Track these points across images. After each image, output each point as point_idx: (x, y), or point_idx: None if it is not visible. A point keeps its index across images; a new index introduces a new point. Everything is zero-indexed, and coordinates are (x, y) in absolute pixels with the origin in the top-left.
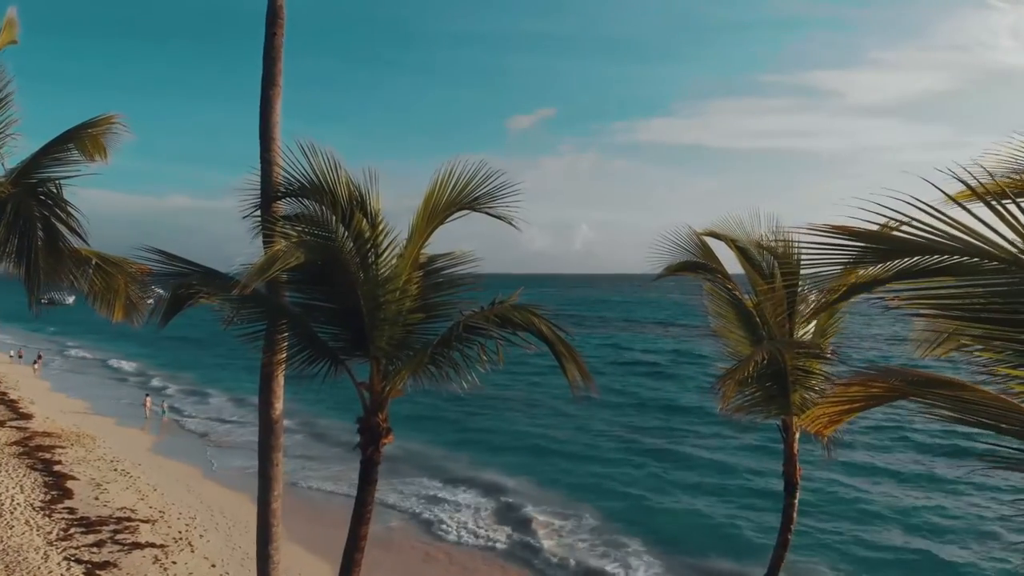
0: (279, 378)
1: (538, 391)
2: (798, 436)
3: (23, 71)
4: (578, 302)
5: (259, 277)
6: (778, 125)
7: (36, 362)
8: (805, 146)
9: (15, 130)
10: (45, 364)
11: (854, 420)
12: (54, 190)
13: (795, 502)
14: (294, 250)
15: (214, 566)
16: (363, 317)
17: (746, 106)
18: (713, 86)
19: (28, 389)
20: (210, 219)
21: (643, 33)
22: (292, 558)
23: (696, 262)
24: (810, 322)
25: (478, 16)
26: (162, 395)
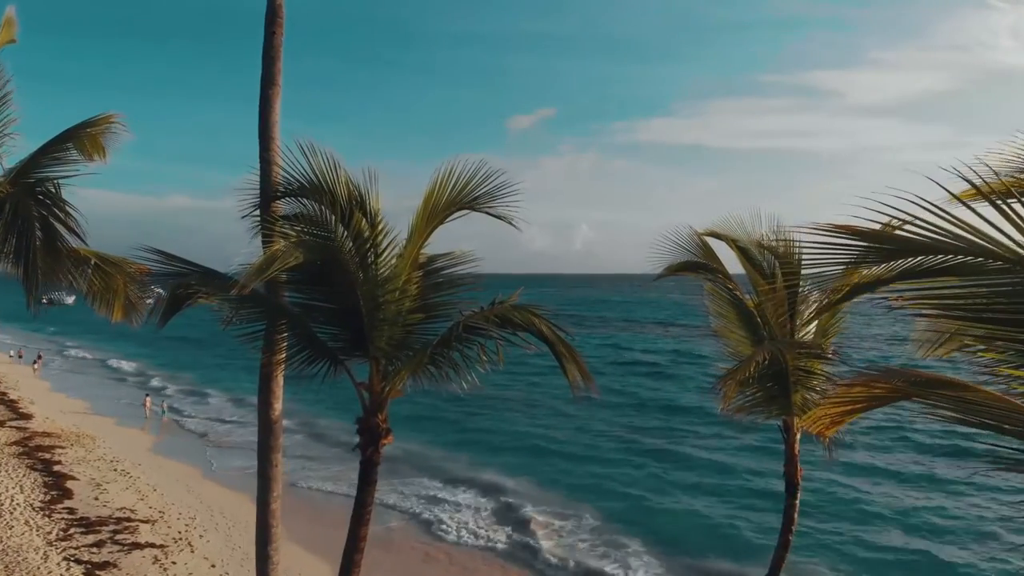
0: (278, 378)
1: (538, 391)
2: (799, 437)
3: (22, 70)
4: (578, 302)
5: (258, 277)
6: (778, 125)
7: (36, 362)
8: (805, 146)
9: (14, 129)
10: (45, 364)
11: (855, 420)
12: (52, 190)
13: (796, 503)
14: (293, 250)
15: (214, 566)
16: (362, 317)
17: (746, 106)
18: (713, 86)
19: (28, 389)
20: (210, 219)
21: (643, 33)
22: (292, 558)
23: (697, 262)
24: (812, 322)
25: (478, 16)
26: (162, 395)
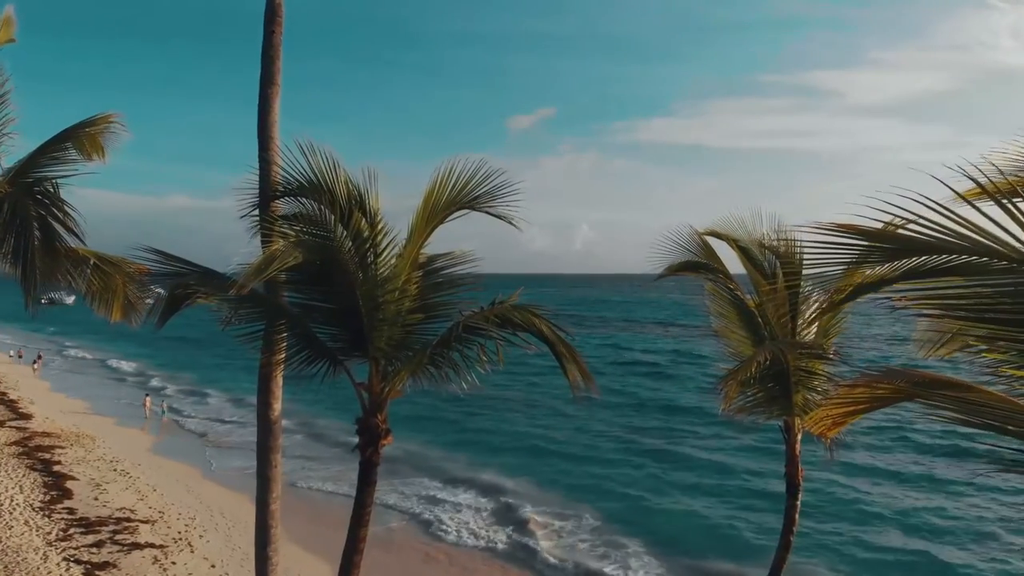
0: (277, 378)
1: (537, 391)
2: (800, 437)
3: (22, 70)
4: (578, 302)
5: (256, 277)
6: (778, 125)
7: (36, 362)
8: (805, 146)
9: (12, 129)
10: (45, 364)
11: (856, 421)
12: (51, 189)
13: (797, 503)
14: (292, 250)
15: (214, 566)
16: (362, 317)
17: (746, 106)
18: (713, 86)
19: (28, 389)
20: (210, 219)
21: (643, 33)
22: (291, 558)
23: (698, 262)
24: (814, 322)
25: (478, 16)
26: (161, 395)
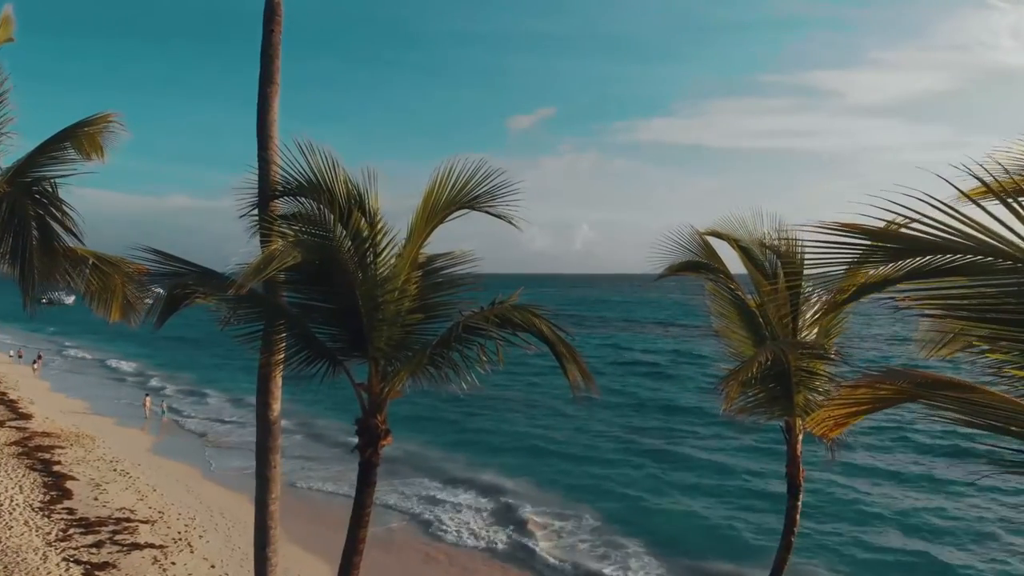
0: (277, 379)
1: (537, 391)
2: (801, 438)
3: (22, 70)
4: (578, 302)
5: (255, 277)
6: (778, 125)
7: (36, 362)
8: (805, 146)
9: (11, 128)
10: (45, 364)
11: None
12: (49, 189)
13: (798, 504)
14: (291, 249)
15: (213, 567)
16: (361, 317)
17: (746, 106)
18: (713, 86)
19: (28, 389)
20: (210, 219)
21: (643, 33)
22: (291, 558)
23: (698, 262)
24: (816, 322)
25: (478, 16)
26: (161, 395)
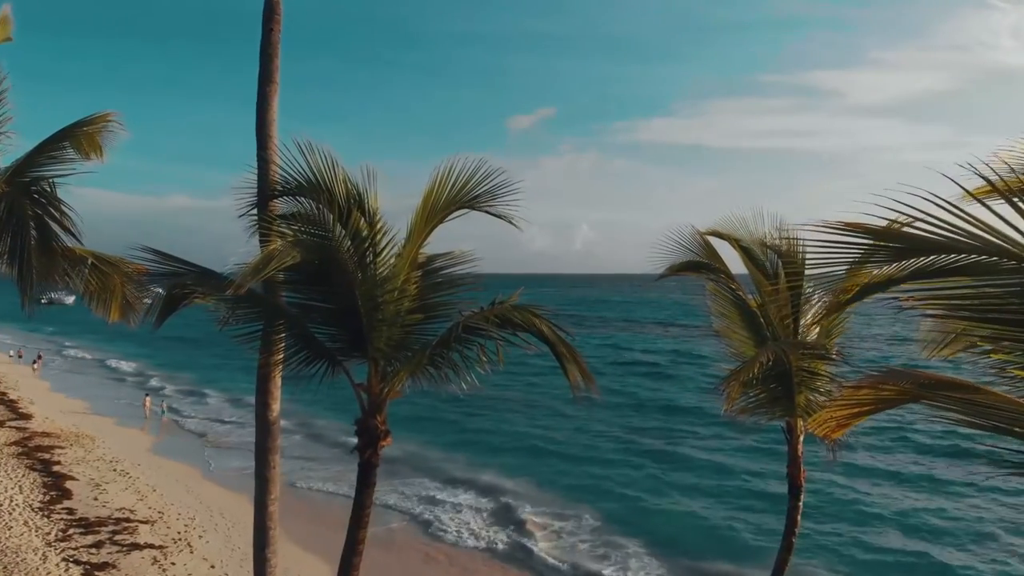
0: (276, 379)
1: (536, 391)
2: (802, 438)
3: (21, 70)
4: (578, 302)
5: (254, 277)
6: (778, 125)
7: (36, 362)
8: (805, 146)
9: (10, 128)
10: (44, 364)
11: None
12: (48, 188)
13: (799, 505)
14: (290, 249)
15: (213, 567)
16: (361, 318)
17: (746, 106)
18: (713, 86)
19: (28, 389)
20: (210, 219)
21: (643, 33)
22: (291, 558)
23: (699, 262)
24: (820, 323)
25: (478, 16)
26: (160, 395)
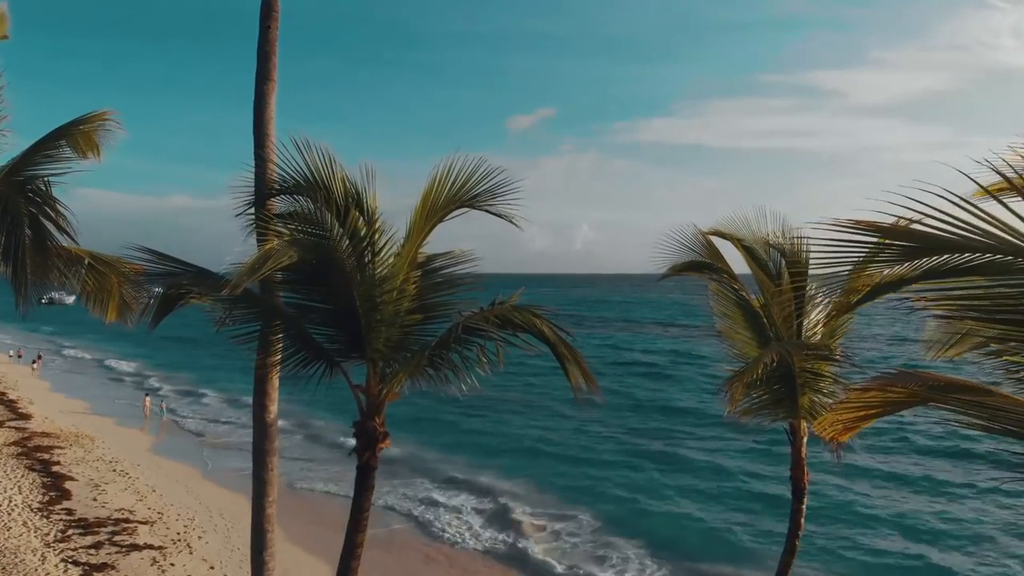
0: (273, 380)
1: (535, 392)
2: (806, 440)
3: (16, 68)
4: (578, 302)
5: (250, 277)
6: (778, 125)
7: (35, 362)
8: (805, 146)
9: (6, 127)
10: (44, 364)
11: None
12: (43, 187)
13: (803, 507)
14: (287, 249)
15: (213, 568)
16: (359, 318)
17: (746, 106)
18: (713, 86)
19: (27, 389)
20: (210, 219)
21: (643, 33)
22: (292, 559)
23: (702, 262)
24: (828, 323)
25: (478, 16)
26: (159, 395)
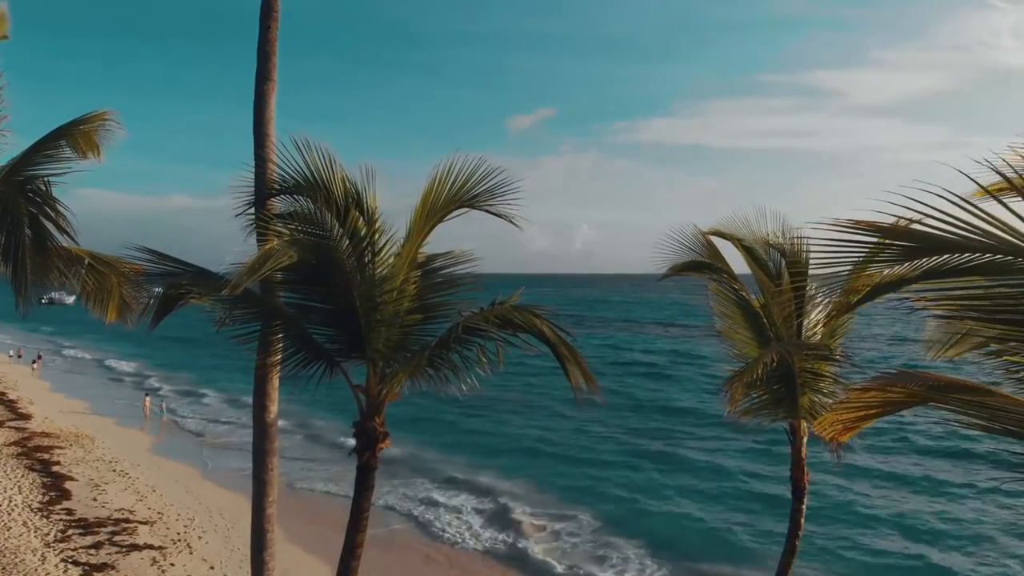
0: (273, 380)
1: (535, 392)
2: (806, 440)
3: (16, 68)
4: (578, 302)
5: (249, 277)
6: (778, 125)
7: (35, 362)
8: (805, 146)
9: (6, 127)
10: (44, 364)
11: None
12: (43, 187)
13: (803, 507)
14: (286, 249)
15: (213, 568)
16: (359, 318)
17: (746, 106)
18: (713, 86)
19: (27, 389)
20: (211, 219)
21: (643, 33)
22: (292, 559)
23: (702, 262)
24: (828, 323)
25: (478, 16)
26: (160, 395)
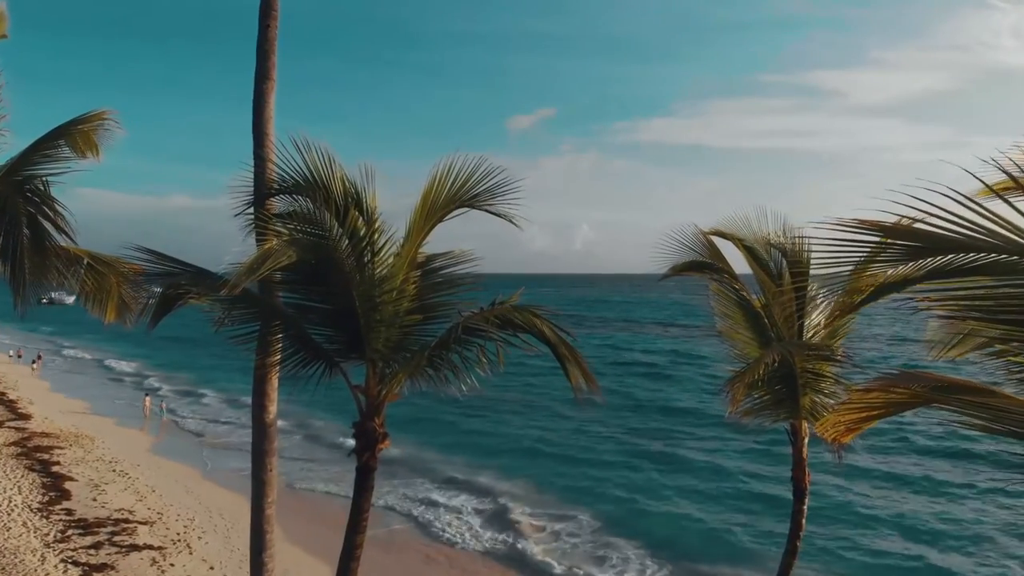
0: (273, 381)
1: (534, 392)
2: (807, 441)
3: (15, 68)
4: (578, 302)
5: (248, 277)
6: (778, 125)
7: (35, 362)
8: (805, 146)
9: (4, 126)
10: (44, 364)
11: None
12: (41, 187)
13: (804, 508)
14: (285, 248)
15: (212, 568)
16: (359, 318)
17: (746, 106)
18: (713, 86)
19: (27, 389)
20: (211, 219)
21: (643, 33)
22: (292, 560)
23: (703, 262)
24: (830, 324)
25: (478, 16)
26: (159, 395)
